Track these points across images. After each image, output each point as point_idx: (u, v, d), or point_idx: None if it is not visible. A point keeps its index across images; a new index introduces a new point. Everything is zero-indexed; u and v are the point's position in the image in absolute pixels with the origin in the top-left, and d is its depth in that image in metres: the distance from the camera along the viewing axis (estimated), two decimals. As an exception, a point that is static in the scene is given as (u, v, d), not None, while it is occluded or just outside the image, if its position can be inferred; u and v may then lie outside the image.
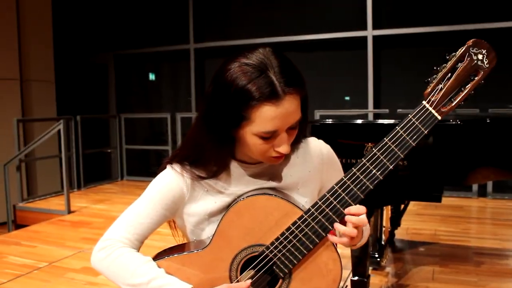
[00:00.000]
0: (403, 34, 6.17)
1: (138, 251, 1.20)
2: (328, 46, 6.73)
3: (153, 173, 1.28)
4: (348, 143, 2.31)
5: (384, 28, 6.29)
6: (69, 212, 5.39)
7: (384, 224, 3.46)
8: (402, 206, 3.85)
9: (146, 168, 8.14)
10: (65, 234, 4.58)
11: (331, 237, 1.11)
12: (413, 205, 5.21)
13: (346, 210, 1.09)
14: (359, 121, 2.52)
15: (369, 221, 1.15)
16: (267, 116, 1.03)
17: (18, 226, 5.55)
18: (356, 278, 2.45)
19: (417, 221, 4.72)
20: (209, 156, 1.16)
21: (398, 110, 5.95)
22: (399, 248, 3.89)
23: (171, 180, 1.19)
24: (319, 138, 1.32)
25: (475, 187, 5.79)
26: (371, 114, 6.26)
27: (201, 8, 7.50)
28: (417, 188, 2.25)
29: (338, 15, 6.63)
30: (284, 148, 1.10)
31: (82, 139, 6.94)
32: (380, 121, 2.90)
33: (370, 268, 3.16)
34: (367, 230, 1.29)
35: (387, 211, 3.62)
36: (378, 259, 3.33)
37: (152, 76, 8.30)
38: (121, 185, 7.41)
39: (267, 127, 1.05)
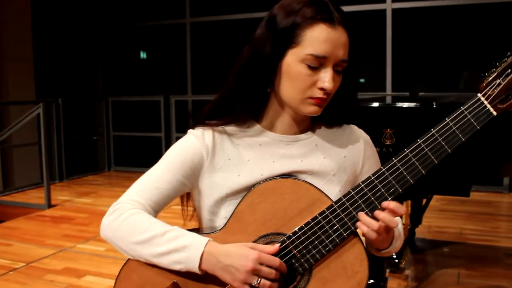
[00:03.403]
0: (426, 7, 6.10)
1: None
2: (341, 21, 6.65)
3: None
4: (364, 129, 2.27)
5: (405, 0, 6.21)
6: (50, 206, 5.39)
7: (403, 221, 3.43)
8: (424, 200, 3.81)
9: (136, 157, 8.13)
10: (44, 230, 4.58)
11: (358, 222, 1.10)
12: (436, 200, 5.19)
13: (385, 204, 1.07)
14: (376, 104, 2.48)
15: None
16: (321, 36, 1.09)
17: (-7, 221, 5.56)
18: (372, 281, 2.43)
19: (441, 218, 4.70)
20: (242, 95, 1.18)
21: (420, 93, 5.89)
22: (420, 248, 3.87)
23: (190, 143, 1.22)
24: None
25: (505, 181, 5.75)
26: (389, 97, 6.21)
27: (198, -23, 7.45)
28: (444, 180, 2.21)
29: (353, -15, 6.56)
30: (328, 84, 1.10)
31: (64, 125, 6.93)
32: (400, 104, 2.86)
33: (388, 270, 3.14)
34: (399, 239, 1.25)
35: (406, 207, 3.59)
36: (397, 261, 3.31)
37: (143, 54, 8.27)
38: (108, 177, 7.42)
39: (318, 49, 1.09)
